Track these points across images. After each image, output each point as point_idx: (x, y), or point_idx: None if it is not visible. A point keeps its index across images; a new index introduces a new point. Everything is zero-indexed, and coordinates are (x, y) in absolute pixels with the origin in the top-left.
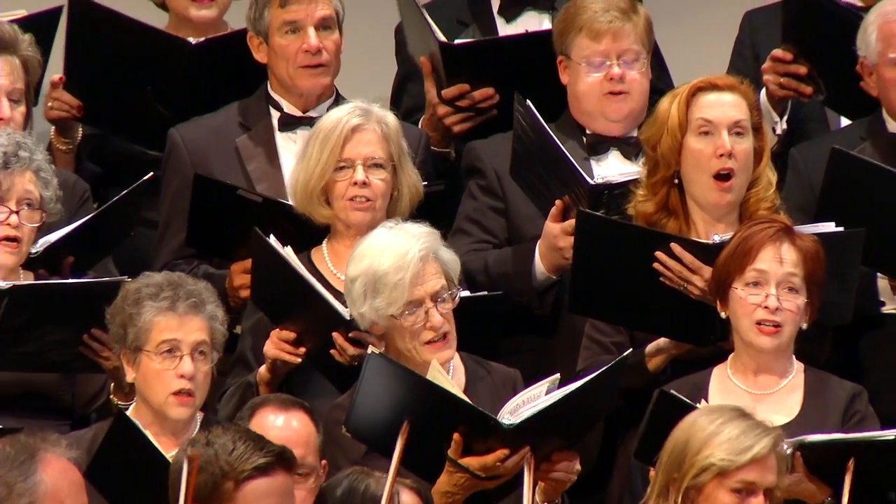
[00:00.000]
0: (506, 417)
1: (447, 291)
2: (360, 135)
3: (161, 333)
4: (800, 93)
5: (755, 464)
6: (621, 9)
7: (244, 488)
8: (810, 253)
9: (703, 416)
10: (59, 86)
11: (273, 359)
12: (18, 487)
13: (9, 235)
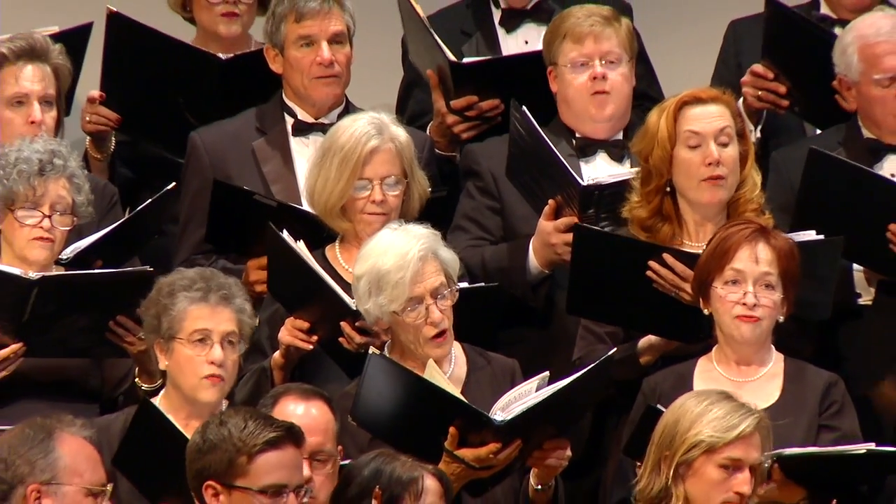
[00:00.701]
0: (497, 413)
1: (446, 289)
2: (378, 156)
3: (194, 322)
4: (777, 106)
5: (741, 441)
6: (603, 16)
7: (256, 461)
8: (784, 251)
9: (691, 398)
10: (97, 101)
11: (287, 345)
12: (39, 464)
13: (41, 237)
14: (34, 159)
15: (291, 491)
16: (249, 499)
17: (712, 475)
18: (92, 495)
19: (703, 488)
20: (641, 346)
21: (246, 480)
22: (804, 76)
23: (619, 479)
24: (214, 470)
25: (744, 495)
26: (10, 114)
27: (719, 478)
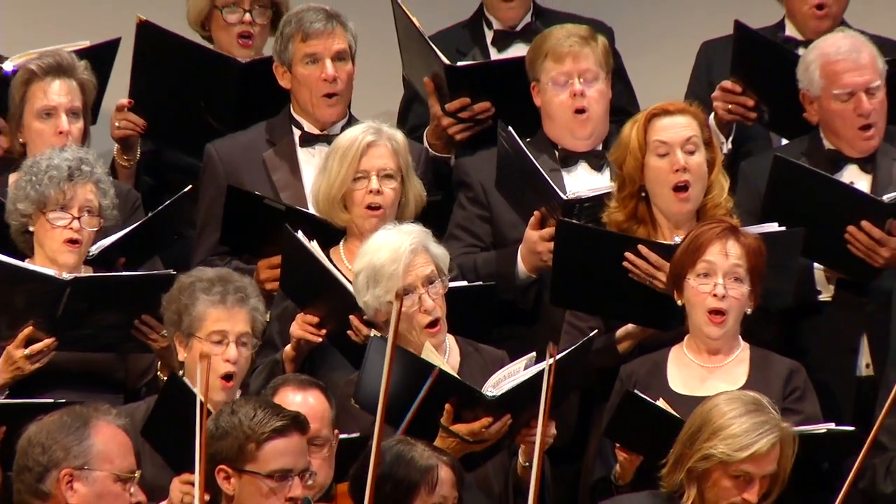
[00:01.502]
0: (489, 390)
1: (437, 278)
2: (374, 150)
3: (213, 324)
4: (745, 118)
5: (752, 459)
6: (581, 36)
7: (264, 448)
8: (752, 248)
9: (723, 403)
10: (125, 108)
11: (298, 338)
12: (74, 450)
13: (71, 238)
14: (63, 166)
15: (297, 475)
16: (258, 482)
17: (724, 483)
18: (121, 481)
19: (714, 492)
20: (619, 334)
21: (255, 465)
22: (770, 91)
23: (599, 460)
24: (226, 455)
25: (749, 502)
26: (40, 125)
27: (730, 486)
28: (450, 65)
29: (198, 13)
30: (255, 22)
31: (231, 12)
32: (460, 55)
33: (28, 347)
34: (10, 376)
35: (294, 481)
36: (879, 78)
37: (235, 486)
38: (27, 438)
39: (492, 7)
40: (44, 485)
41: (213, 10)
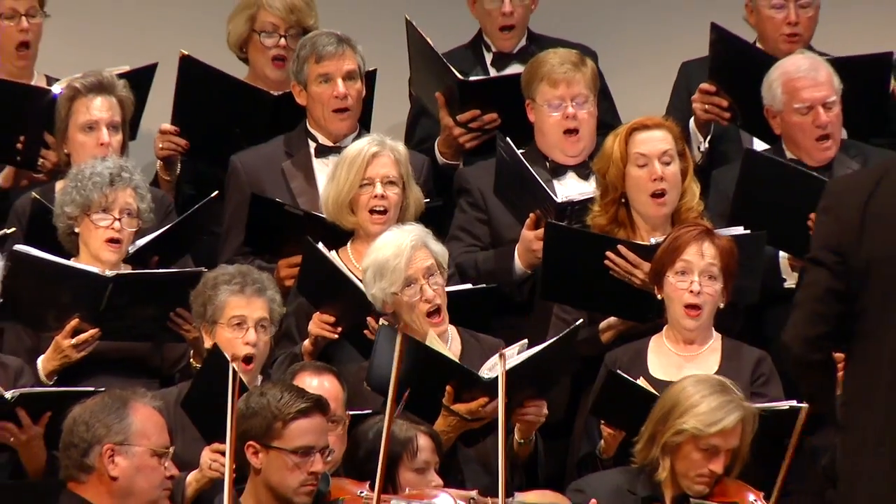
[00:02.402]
0: (485, 373)
1: (437, 270)
2: (378, 159)
3: (233, 310)
4: (720, 118)
5: (720, 434)
6: (573, 62)
7: (290, 427)
8: (725, 249)
9: (690, 385)
10: (169, 132)
11: (316, 335)
12: (115, 427)
13: (112, 237)
14: (106, 173)
15: (318, 451)
16: (283, 457)
17: (693, 456)
18: (157, 455)
19: (685, 464)
20: (602, 326)
21: (281, 442)
22: (745, 93)
23: (585, 438)
24: (255, 432)
25: (715, 474)
26: (83, 138)
27: (699, 458)
28: (462, 79)
29: (237, 36)
30: (288, 46)
31: (268, 37)
32: (463, 74)
33: (74, 338)
34: (59, 363)
35: (315, 457)
36: (835, 94)
37: (263, 460)
38: (72, 418)
39: (491, 36)
40: (88, 459)
41: (252, 34)
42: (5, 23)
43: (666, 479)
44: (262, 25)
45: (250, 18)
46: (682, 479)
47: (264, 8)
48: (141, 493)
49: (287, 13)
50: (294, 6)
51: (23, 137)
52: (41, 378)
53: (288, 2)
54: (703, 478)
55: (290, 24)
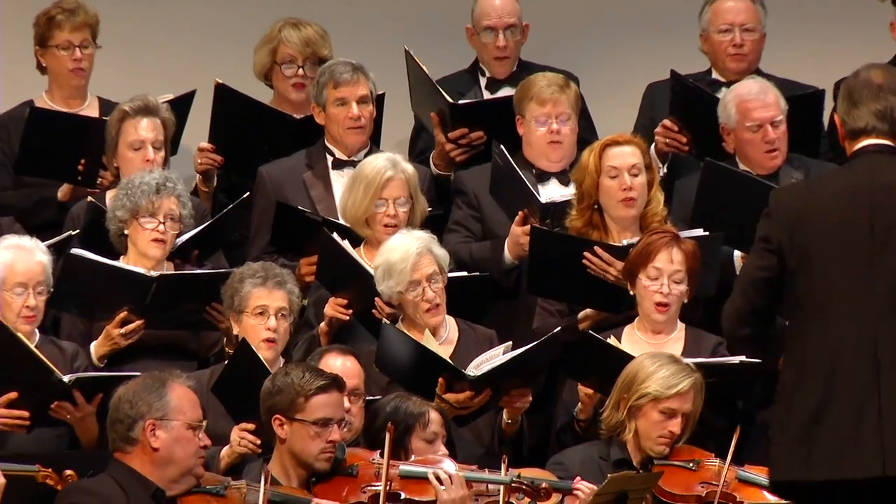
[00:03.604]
0: (471, 370)
1: (438, 275)
2: (392, 182)
3: (256, 300)
4: (680, 150)
5: (677, 396)
6: (559, 84)
7: (311, 401)
8: (690, 253)
9: (647, 358)
10: (206, 150)
11: (331, 317)
12: (155, 405)
13: (157, 238)
14: (152, 182)
15: (335, 423)
16: (305, 428)
17: (655, 418)
18: (192, 429)
19: (647, 426)
20: (580, 316)
21: (303, 415)
22: (698, 126)
23: (563, 411)
24: (280, 407)
25: (675, 433)
26: (131, 154)
27: (659, 420)
28: (453, 102)
29: (262, 67)
30: (306, 75)
31: (288, 68)
32: (460, 95)
33: (123, 328)
34: (109, 349)
35: (333, 428)
36: (782, 114)
37: (287, 431)
38: (118, 397)
39: (487, 63)
40: (132, 433)
41: (274, 65)
42: (62, 52)
43: (631, 443)
44: (283, 58)
45: (272, 52)
46: (644, 441)
47: (283, 43)
48: (179, 462)
49: (303, 46)
50: (309, 40)
51: (84, 160)
52: (93, 361)
53: (304, 36)
54: (663, 438)
55: (306, 56)
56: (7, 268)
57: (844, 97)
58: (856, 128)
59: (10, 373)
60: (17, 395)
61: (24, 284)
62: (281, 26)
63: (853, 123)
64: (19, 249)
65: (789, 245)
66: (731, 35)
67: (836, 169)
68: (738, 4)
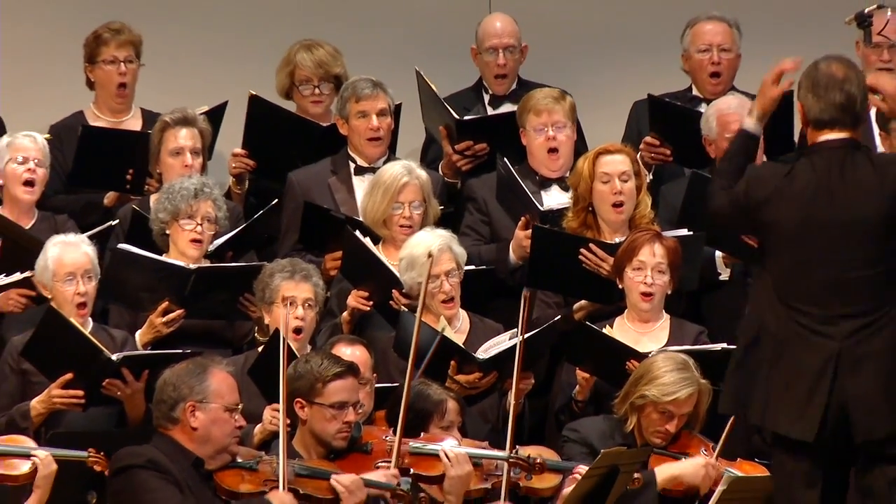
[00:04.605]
0: (481, 354)
1: (455, 271)
2: (408, 187)
3: (284, 292)
4: (664, 162)
5: (674, 403)
6: (554, 97)
7: (328, 386)
8: (672, 248)
9: (660, 359)
10: (240, 155)
11: (353, 308)
12: (196, 388)
13: (195, 238)
14: (191, 187)
15: (350, 405)
16: (323, 411)
17: (653, 416)
18: (229, 411)
19: (646, 421)
20: (575, 307)
21: (321, 398)
22: (678, 139)
23: (561, 395)
24: (301, 391)
25: (671, 432)
26: (172, 161)
27: (657, 419)
28: (458, 118)
29: (282, 87)
30: (322, 93)
31: (305, 88)
32: (466, 111)
33: (165, 316)
34: (152, 337)
35: (349, 410)
36: None
37: (307, 413)
38: (163, 380)
39: (489, 81)
40: (174, 413)
41: (293, 85)
42: (108, 67)
43: (633, 431)
44: (300, 79)
45: (290, 74)
46: (644, 432)
47: (298, 66)
48: (215, 440)
49: (317, 67)
50: (322, 61)
51: (132, 171)
52: (138, 348)
53: (316, 58)
54: (659, 433)
55: (320, 76)
56: (56, 261)
57: (808, 88)
58: (821, 119)
59: (66, 356)
60: (73, 376)
61: (73, 273)
62: (296, 50)
63: (818, 114)
64: (65, 244)
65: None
66: (710, 54)
67: (804, 162)
68: (716, 27)
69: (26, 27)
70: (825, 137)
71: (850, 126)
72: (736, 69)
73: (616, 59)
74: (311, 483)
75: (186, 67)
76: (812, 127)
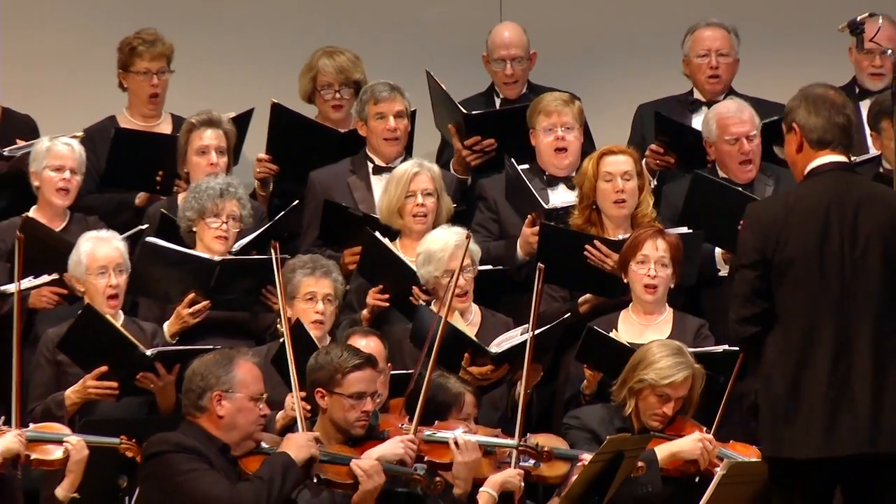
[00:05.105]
0: (493, 347)
1: (470, 267)
2: (419, 177)
3: (305, 288)
4: (668, 168)
5: (670, 386)
6: (563, 99)
7: (348, 377)
8: (674, 244)
9: (656, 346)
10: (264, 160)
11: (372, 305)
12: (223, 378)
13: (220, 235)
14: (217, 187)
15: (368, 395)
16: (342, 400)
17: (650, 399)
18: (254, 400)
19: (644, 405)
20: (581, 301)
21: (341, 388)
22: (679, 146)
23: (569, 384)
24: (321, 381)
25: (667, 415)
26: (197, 160)
27: (654, 402)
28: (466, 113)
29: (304, 91)
30: (342, 97)
31: (326, 92)
32: None
33: (191, 308)
34: (179, 327)
35: (367, 400)
36: (756, 129)
37: (328, 402)
38: (191, 370)
39: (499, 87)
40: (202, 401)
41: (315, 90)
42: (140, 78)
43: (631, 415)
44: (321, 84)
45: (312, 79)
46: (642, 416)
47: (321, 71)
48: (241, 428)
49: (338, 73)
50: (342, 67)
51: (161, 172)
52: (166, 338)
53: (337, 64)
54: (657, 416)
55: (341, 81)
56: (89, 256)
57: (809, 110)
58: (824, 139)
59: (101, 350)
60: (107, 368)
61: (105, 267)
62: (318, 57)
63: (822, 134)
64: (97, 240)
65: (770, 259)
66: (709, 59)
67: (805, 186)
68: (715, 33)
69: (62, 34)
70: (826, 159)
71: (847, 149)
72: (734, 73)
73: (621, 64)
74: (332, 468)
75: (215, 73)
76: (813, 147)
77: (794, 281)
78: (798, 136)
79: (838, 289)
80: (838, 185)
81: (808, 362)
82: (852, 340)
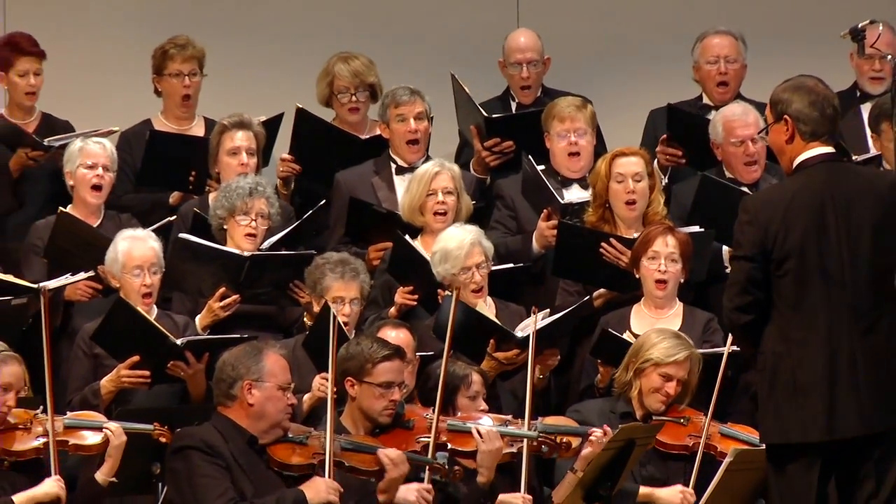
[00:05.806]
0: (518, 332)
1: (485, 263)
2: (440, 176)
3: (335, 292)
4: (677, 163)
5: (674, 364)
6: (576, 105)
7: (377, 367)
8: (683, 241)
9: (654, 332)
10: (287, 160)
11: (400, 304)
12: (252, 368)
13: (249, 233)
14: (246, 186)
15: (396, 385)
16: (372, 389)
17: (654, 380)
18: (282, 389)
19: (648, 386)
20: (595, 295)
21: (370, 378)
22: (690, 143)
23: (584, 374)
24: (352, 371)
25: (670, 394)
26: (228, 160)
27: (658, 382)
28: (487, 116)
29: (322, 96)
30: (358, 100)
31: (343, 96)
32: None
33: (222, 301)
34: (210, 320)
35: (395, 390)
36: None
37: (357, 391)
38: (222, 360)
39: (515, 91)
40: (232, 391)
41: (332, 94)
42: (173, 80)
43: (635, 399)
44: (338, 88)
45: (329, 84)
46: (646, 398)
47: (337, 76)
48: (269, 416)
49: (353, 77)
50: (357, 71)
51: (194, 172)
52: (198, 331)
53: (352, 69)
54: (660, 396)
55: (356, 85)
56: (125, 254)
57: (804, 101)
58: (817, 131)
59: (133, 341)
60: (140, 358)
61: (141, 266)
62: (334, 62)
63: (814, 127)
64: (134, 239)
65: (769, 252)
66: (718, 65)
67: (800, 179)
68: (723, 40)
69: (99, 43)
70: (816, 151)
71: (832, 138)
72: (742, 78)
73: (633, 70)
74: (357, 456)
75: (245, 78)
76: (805, 139)
77: (792, 272)
78: (790, 127)
79: (835, 279)
80: (832, 178)
81: (807, 350)
82: (848, 326)
